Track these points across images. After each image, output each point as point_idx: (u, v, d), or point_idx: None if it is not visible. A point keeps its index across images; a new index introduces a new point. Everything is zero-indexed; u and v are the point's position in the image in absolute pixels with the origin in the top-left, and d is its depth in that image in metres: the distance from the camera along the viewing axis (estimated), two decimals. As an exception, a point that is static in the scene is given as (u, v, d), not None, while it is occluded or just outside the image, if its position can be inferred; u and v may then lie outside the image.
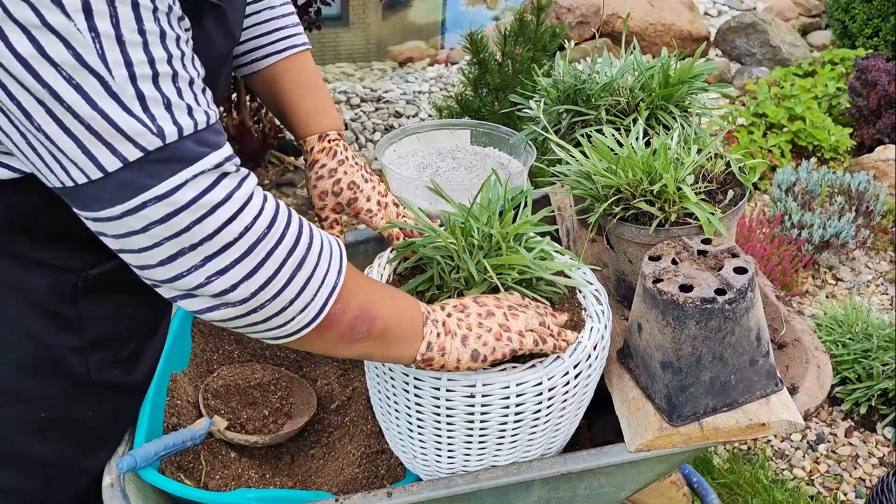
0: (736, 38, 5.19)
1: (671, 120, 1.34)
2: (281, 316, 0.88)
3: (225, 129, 3.68)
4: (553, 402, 1.08)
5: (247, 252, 0.83)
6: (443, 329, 1.01)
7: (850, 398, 2.40)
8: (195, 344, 1.42)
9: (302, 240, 0.88)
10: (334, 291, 0.90)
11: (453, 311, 1.04)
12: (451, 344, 1.00)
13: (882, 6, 4.59)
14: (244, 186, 0.83)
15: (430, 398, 1.07)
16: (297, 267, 0.86)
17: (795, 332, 1.27)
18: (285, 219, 0.87)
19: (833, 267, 3.12)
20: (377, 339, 0.96)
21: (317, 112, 1.31)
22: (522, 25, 2.79)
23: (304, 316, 0.89)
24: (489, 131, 1.56)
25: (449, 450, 1.13)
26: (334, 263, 0.91)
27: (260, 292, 0.85)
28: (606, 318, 1.14)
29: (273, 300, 0.86)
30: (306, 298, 0.88)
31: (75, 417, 1.15)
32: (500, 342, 1.02)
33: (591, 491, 1.18)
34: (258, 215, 0.84)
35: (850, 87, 3.92)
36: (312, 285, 0.88)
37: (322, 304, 0.90)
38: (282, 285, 0.86)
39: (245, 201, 0.83)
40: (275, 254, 0.85)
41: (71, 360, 1.10)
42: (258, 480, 1.28)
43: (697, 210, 1.15)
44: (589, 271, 1.21)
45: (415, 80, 4.93)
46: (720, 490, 2.15)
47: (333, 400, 1.46)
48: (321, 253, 0.90)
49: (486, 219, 1.12)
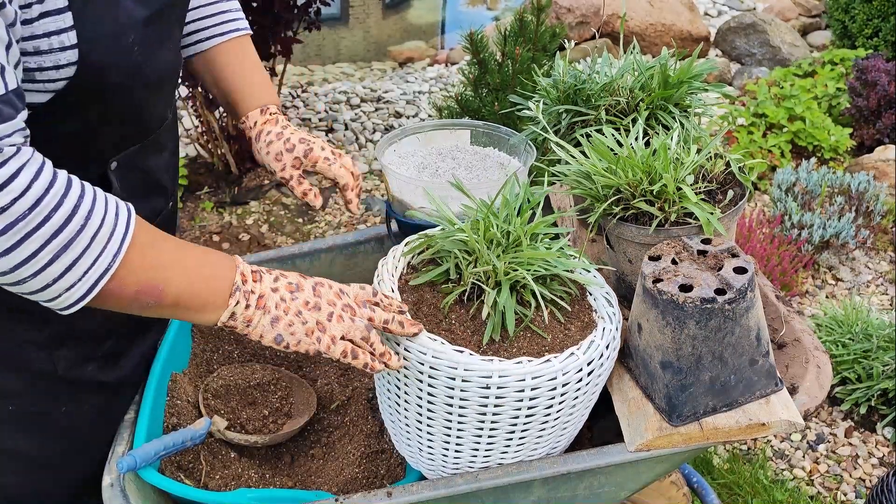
0: (736, 38, 5.19)
1: (671, 120, 1.34)
2: (46, 292, 0.89)
3: (224, 130, 3.66)
4: (565, 397, 1.09)
5: (2, 231, 0.83)
6: (255, 302, 1.00)
7: (850, 398, 2.40)
8: (195, 344, 1.42)
9: (73, 221, 0.88)
10: (106, 273, 0.91)
11: (283, 289, 1.03)
12: (258, 319, 1.00)
13: (882, 6, 4.59)
14: (4, 168, 0.83)
15: (444, 388, 1.07)
16: (61, 249, 0.87)
17: (795, 331, 1.27)
18: (55, 200, 0.86)
19: (833, 267, 3.12)
20: (170, 307, 0.97)
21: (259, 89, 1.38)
22: (522, 25, 2.78)
23: (71, 294, 0.90)
24: (489, 131, 1.56)
25: (457, 445, 1.13)
26: (112, 244, 0.91)
27: (18, 269, 0.86)
28: (618, 320, 1.15)
29: (33, 278, 0.87)
30: (71, 279, 0.89)
31: (46, 413, 1.15)
32: (308, 338, 1.02)
33: (591, 491, 1.18)
34: (18, 197, 0.83)
35: (850, 88, 3.92)
36: (79, 268, 0.89)
37: (91, 285, 0.90)
38: (41, 266, 0.87)
39: (3, 182, 0.82)
40: (34, 235, 0.85)
41: (34, 354, 1.10)
42: (258, 480, 1.28)
43: (697, 210, 1.15)
44: (598, 274, 1.22)
45: (415, 80, 4.93)
46: (720, 490, 2.15)
47: (333, 400, 1.46)
48: (97, 234, 0.90)
49: (505, 216, 1.14)
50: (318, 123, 4.22)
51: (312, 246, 1.63)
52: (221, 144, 3.52)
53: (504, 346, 1.09)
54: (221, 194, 3.52)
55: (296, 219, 3.45)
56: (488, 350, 1.09)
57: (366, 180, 3.75)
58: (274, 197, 3.55)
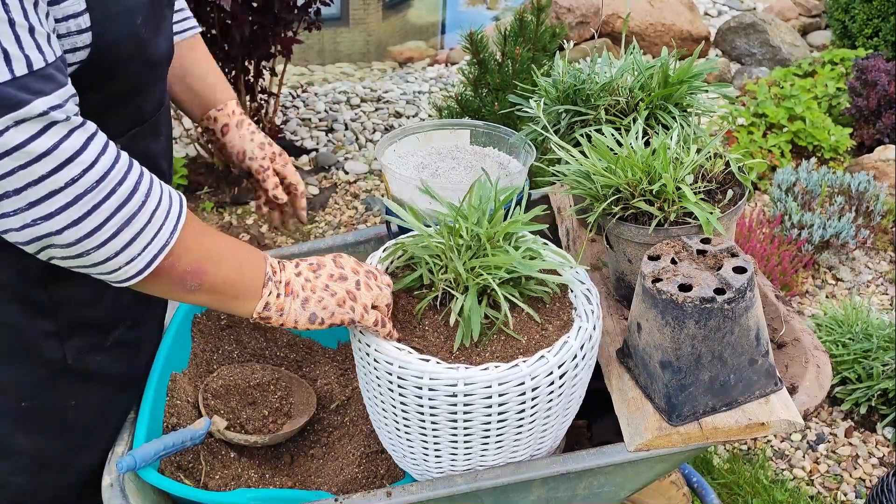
0: (736, 38, 5.19)
1: (670, 120, 1.34)
2: (107, 264, 0.92)
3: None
4: (538, 402, 1.07)
5: (72, 202, 0.86)
6: (284, 290, 1.04)
7: (850, 398, 2.40)
8: (195, 344, 1.42)
9: (136, 196, 0.91)
10: (164, 249, 0.94)
11: (305, 270, 1.07)
12: (290, 305, 1.04)
13: (882, 6, 4.59)
14: (72, 138, 0.85)
15: (413, 397, 1.07)
16: (125, 223, 0.90)
17: (795, 331, 1.27)
18: (121, 174, 0.90)
19: (833, 267, 3.12)
20: (210, 292, 1.01)
21: (226, 83, 1.42)
22: (522, 25, 2.78)
23: (131, 267, 0.93)
24: (489, 131, 1.56)
25: (435, 450, 1.13)
26: (169, 222, 0.95)
27: (85, 240, 0.88)
28: (596, 318, 1.12)
29: (98, 249, 0.90)
30: (132, 253, 0.92)
31: (56, 407, 1.15)
32: (341, 308, 1.06)
33: (590, 491, 1.17)
34: (88, 168, 0.86)
35: (850, 88, 3.91)
36: (140, 241, 0.92)
37: (150, 260, 0.94)
38: (106, 237, 0.89)
39: (74, 153, 0.85)
40: (102, 207, 0.88)
41: (46, 345, 1.10)
42: (258, 480, 1.28)
43: (697, 210, 1.15)
44: (582, 271, 1.20)
45: (415, 80, 4.93)
46: (720, 490, 2.15)
47: (333, 400, 1.46)
48: (156, 210, 0.93)
49: (477, 219, 1.12)
50: (318, 123, 4.22)
51: (312, 246, 1.64)
52: (221, 144, 3.52)
53: (477, 351, 1.08)
54: (221, 194, 3.52)
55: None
56: (460, 356, 1.08)
57: (366, 180, 3.75)
58: (274, 197, 3.55)
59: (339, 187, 3.68)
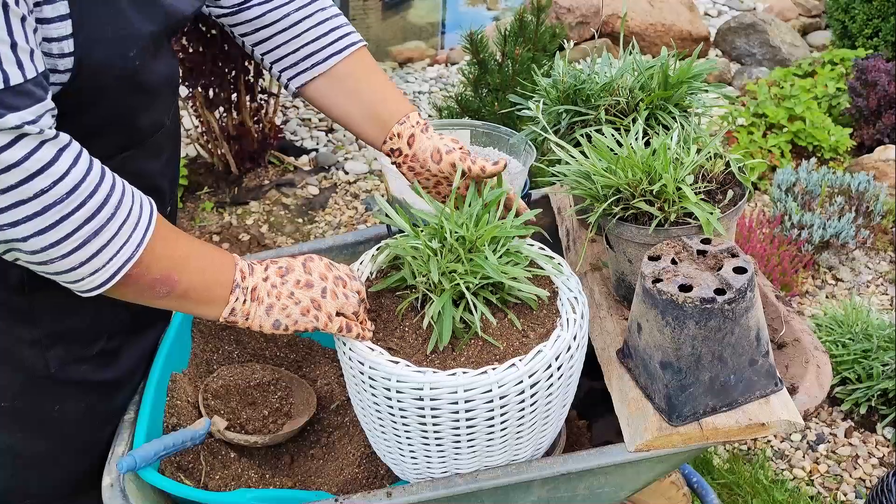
0: (736, 38, 5.19)
1: (671, 120, 1.34)
2: (71, 274, 0.92)
3: (224, 130, 3.67)
4: (507, 410, 1.05)
5: (40, 212, 0.86)
6: (250, 296, 1.05)
7: (850, 398, 2.40)
8: (195, 344, 1.42)
9: (105, 209, 0.91)
10: (130, 260, 0.95)
11: (273, 275, 1.08)
12: (255, 311, 1.05)
13: (882, 6, 4.59)
14: (43, 149, 0.85)
15: (383, 398, 1.06)
16: (91, 235, 0.90)
17: (795, 331, 1.27)
18: (92, 186, 0.90)
19: (833, 267, 3.12)
20: (179, 298, 1.02)
21: (399, 93, 1.32)
22: (522, 26, 2.78)
23: (96, 278, 0.93)
24: (489, 131, 1.56)
25: (410, 452, 1.13)
26: (137, 234, 0.95)
27: (50, 249, 0.89)
28: (578, 327, 1.09)
29: (63, 259, 0.90)
30: (97, 264, 0.92)
31: (39, 411, 1.15)
32: (304, 317, 1.06)
33: (590, 491, 1.17)
34: (58, 180, 0.87)
35: (850, 88, 3.91)
36: (105, 254, 0.92)
37: (115, 271, 0.94)
38: (72, 248, 0.90)
39: (44, 164, 0.85)
40: (70, 219, 0.88)
41: (26, 352, 1.10)
42: (258, 480, 1.28)
43: (697, 210, 1.15)
44: (574, 278, 1.17)
45: (415, 80, 4.93)
46: (720, 490, 2.15)
47: (333, 400, 1.46)
48: (125, 222, 0.93)
49: (462, 221, 1.11)
50: (318, 123, 4.22)
51: (312, 246, 1.63)
52: (221, 144, 3.52)
53: (453, 356, 1.07)
54: (221, 194, 3.52)
55: (296, 219, 3.45)
56: (435, 359, 1.07)
57: (366, 180, 3.75)
58: (274, 197, 3.55)
59: (339, 187, 3.68)
